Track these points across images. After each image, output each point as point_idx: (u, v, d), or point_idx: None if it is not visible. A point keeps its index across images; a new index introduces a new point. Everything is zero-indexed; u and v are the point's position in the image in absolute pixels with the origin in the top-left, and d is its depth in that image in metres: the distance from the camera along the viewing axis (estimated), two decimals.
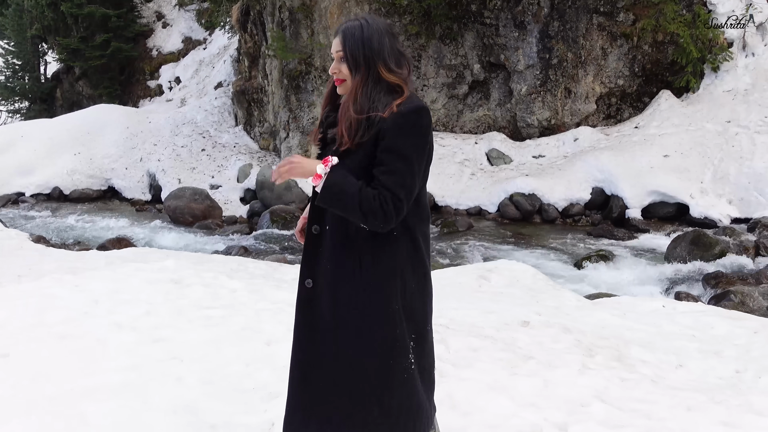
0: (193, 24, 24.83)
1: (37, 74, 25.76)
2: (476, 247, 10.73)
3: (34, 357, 3.88)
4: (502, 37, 14.44)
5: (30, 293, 5.25)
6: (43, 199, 16.32)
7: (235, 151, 17.09)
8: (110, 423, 3.05)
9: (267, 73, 16.61)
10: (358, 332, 2.00)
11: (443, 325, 4.51)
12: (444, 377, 3.51)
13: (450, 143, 14.63)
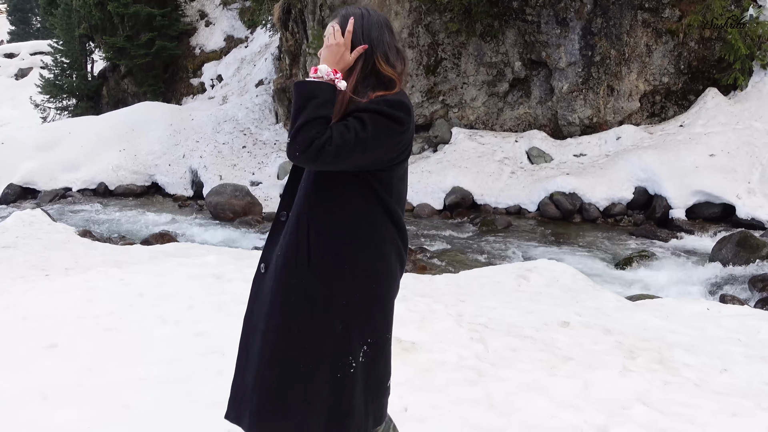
0: (235, 22, 25.15)
1: (84, 72, 26.38)
2: (515, 247, 10.64)
3: (81, 348, 3.99)
4: (543, 34, 14.28)
5: (77, 286, 5.40)
6: (89, 195, 16.72)
7: (276, 148, 17.26)
8: (154, 413, 3.12)
9: (307, 71, 16.72)
10: (301, 322, 1.96)
11: (482, 324, 4.49)
12: (483, 376, 3.51)
13: (489, 141, 14.55)
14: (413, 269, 9.11)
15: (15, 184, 16.87)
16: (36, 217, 11.58)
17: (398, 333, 4.08)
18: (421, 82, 15.25)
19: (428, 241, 11.12)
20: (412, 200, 13.58)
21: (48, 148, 17.95)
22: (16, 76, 39.95)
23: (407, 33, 15.07)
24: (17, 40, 48.88)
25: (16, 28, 52.85)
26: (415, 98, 15.28)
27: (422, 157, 15.00)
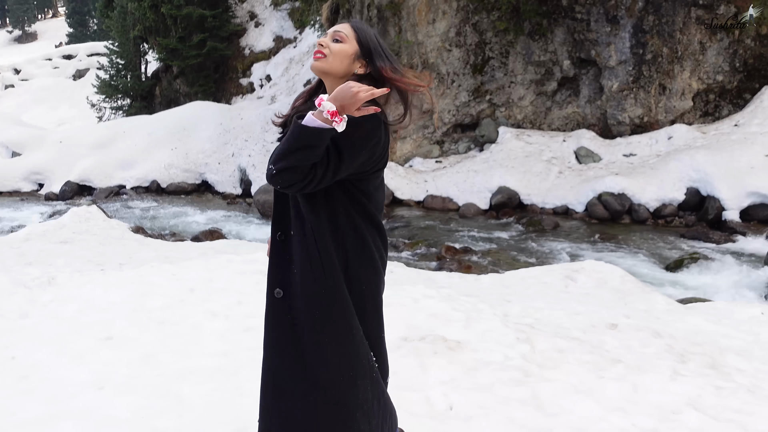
0: (284, 23, 25.46)
1: (138, 73, 27.08)
2: (562, 247, 10.53)
3: (136, 340, 4.12)
4: (593, 32, 14.07)
5: (131, 280, 5.57)
6: (142, 192, 17.16)
7: None
8: (205, 405, 3.20)
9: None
10: (334, 339, 1.97)
11: (528, 325, 4.47)
12: (529, 377, 3.49)
13: (537, 141, 14.40)
14: (458, 269, 9.09)
15: (72, 182, 17.44)
16: (92, 213, 11.94)
17: (443, 332, 4.10)
18: (468, 82, 15.19)
19: (473, 241, 11.08)
20: (458, 200, 13.54)
21: (103, 146, 18.51)
22: (73, 76, 41.27)
23: (454, 32, 15.04)
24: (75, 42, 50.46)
25: (74, 31, 54.57)
26: (462, 97, 15.23)
27: (468, 157, 14.94)
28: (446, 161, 15.11)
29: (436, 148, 15.54)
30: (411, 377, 3.44)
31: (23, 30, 68.32)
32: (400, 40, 15.04)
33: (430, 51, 15.15)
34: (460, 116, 15.39)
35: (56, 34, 63.24)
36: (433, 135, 15.54)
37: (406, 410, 3.09)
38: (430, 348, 3.70)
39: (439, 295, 5.24)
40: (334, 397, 1.98)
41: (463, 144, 15.44)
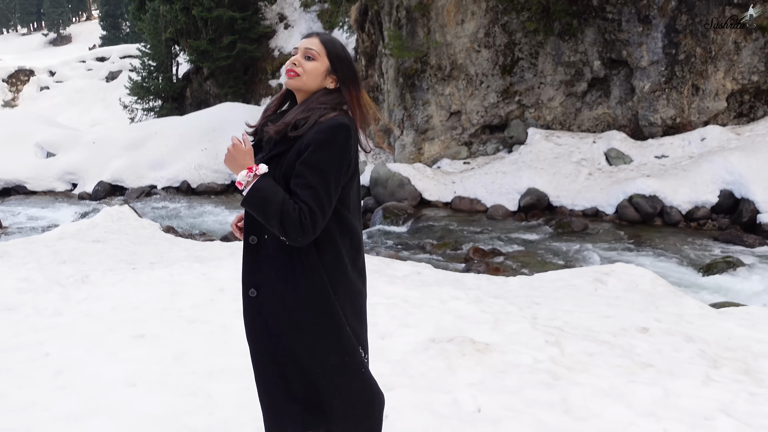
0: (313, 24, 25.59)
1: (169, 75, 27.44)
2: (592, 249, 10.42)
3: (167, 338, 4.18)
4: (624, 33, 13.90)
5: (162, 279, 5.65)
6: (173, 192, 17.39)
7: None
8: (235, 403, 3.24)
9: (383, 72, 16.86)
10: (314, 335, 2.03)
11: (557, 328, 4.43)
12: (558, 380, 3.47)
13: (566, 142, 14.28)
14: (486, 270, 9.06)
15: (105, 182, 17.74)
16: (124, 213, 12.13)
17: (472, 334, 4.09)
18: (497, 83, 15.12)
19: (502, 243, 11.02)
20: (486, 201, 13.49)
21: (135, 147, 18.79)
22: (106, 78, 41.95)
23: (483, 33, 14.98)
24: (108, 44, 51.28)
25: (108, 33, 55.46)
26: (491, 98, 15.17)
27: (497, 158, 14.86)
28: (474, 162, 15.05)
29: (464, 150, 15.49)
30: (439, 378, 3.44)
31: (58, 33, 69.65)
32: (428, 41, 15.03)
33: (458, 52, 15.11)
34: (488, 117, 15.32)
35: (90, 36, 64.36)
36: (462, 136, 15.49)
37: (433, 411, 3.09)
38: (458, 349, 3.69)
39: (467, 297, 5.23)
40: (317, 388, 2.08)
41: (491, 145, 15.37)
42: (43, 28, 73.65)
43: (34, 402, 3.30)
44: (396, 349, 3.80)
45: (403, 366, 3.58)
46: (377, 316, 4.42)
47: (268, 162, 2.02)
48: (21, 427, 3.07)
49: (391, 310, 4.52)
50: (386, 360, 3.66)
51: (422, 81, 15.40)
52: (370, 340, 3.95)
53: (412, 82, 15.50)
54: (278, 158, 2.02)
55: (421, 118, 15.48)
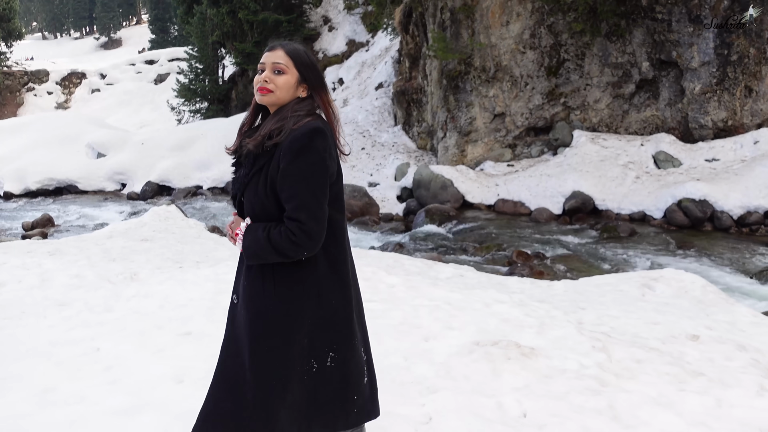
0: (357, 27, 25.72)
1: (215, 77, 27.90)
2: (639, 254, 10.21)
3: (213, 336, 4.23)
4: (674, 33, 13.60)
5: (208, 278, 5.73)
6: (218, 192, 17.65)
7: (394, 150, 17.49)
8: None
9: (427, 74, 16.84)
10: (273, 344, 2.06)
11: (604, 333, 4.35)
12: (605, 386, 3.40)
13: (613, 145, 14.04)
14: (530, 274, 8.96)
15: (152, 182, 18.12)
16: (171, 212, 12.36)
17: (516, 337, 4.04)
18: (542, 84, 14.95)
19: (545, 246, 10.88)
20: (530, 204, 13.34)
21: (182, 148, 19.15)
22: (155, 81, 42.90)
23: (528, 34, 14.83)
24: (157, 47, 52.42)
25: (156, 37, 56.70)
26: (535, 100, 15.01)
27: (541, 161, 14.70)
28: (518, 165, 14.91)
29: (508, 152, 15.36)
30: (483, 382, 3.40)
31: (109, 37, 71.49)
32: (472, 43, 14.95)
33: (503, 53, 15.00)
34: (533, 119, 15.16)
35: (139, 40, 65.91)
36: (505, 138, 15.36)
37: (477, 415, 3.06)
38: (502, 353, 3.65)
39: (511, 300, 5.18)
40: (263, 399, 2.07)
41: (536, 147, 15.20)
42: (94, 32, 75.68)
43: (85, 396, 3.38)
44: (440, 352, 3.78)
45: (446, 368, 3.56)
46: (421, 318, 4.41)
47: (252, 177, 2.06)
48: (72, 420, 3.15)
49: (434, 312, 4.50)
50: (430, 362, 3.64)
51: (466, 83, 15.33)
52: (413, 341, 3.95)
53: (456, 83, 15.43)
54: (260, 172, 2.04)
55: (465, 120, 15.41)
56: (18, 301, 5.37)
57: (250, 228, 2.05)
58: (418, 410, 3.13)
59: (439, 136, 16.07)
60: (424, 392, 3.31)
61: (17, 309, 5.15)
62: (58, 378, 3.63)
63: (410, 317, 4.40)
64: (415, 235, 12.18)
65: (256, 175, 2.05)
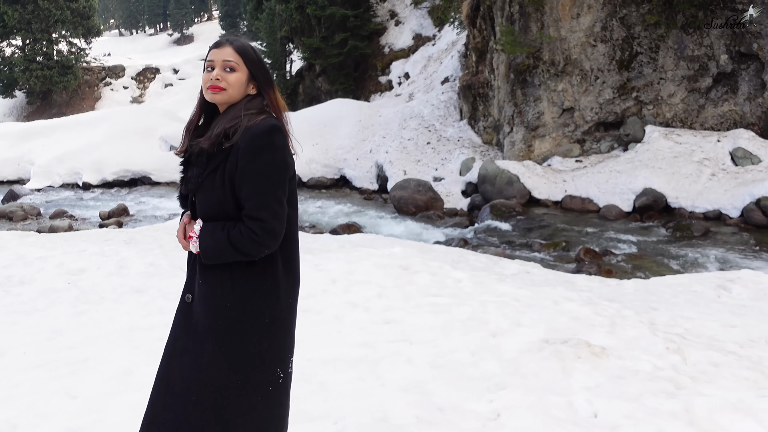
0: (423, 21, 25.65)
1: (283, 72, 28.32)
2: (713, 255, 9.84)
3: None
4: (756, 24, 13.01)
5: None
6: None
7: (459, 144, 17.38)
8: (347, 392, 3.30)
9: (494, 68, 16.65)
10: (230, 344, 1.98)
11: (678, 335, 4.22)
12: (681, 389, 3.30)
13: (687, 141, 13.56)
14: (598, 272, 8.77)
15: None
16: None
17: (587, 337, 3.96)
18: (613, 78, 14.57)
19: (614, 244, 10.62)
20: (598, 201, 13.04)
21: None
22: None
23: (600, 27, 14.47)
24: None
25: (227, 32, 57.89)
26: (606, 95, 14.64)
27: (611, 156, 14.34)
28: (587, 161, 14.59)
29: (577, 147, 15.04)
30: (553, 380, 3.36)
31: (182, 33, 73.50)
32: (541, 36, 14.69)
33: (573, 47, 14.68)
34: (603, 114, 14.80)
35: (210, 36, 67.46)
36: (574, 133, 15.05)
37: (547, 413, 3.02)
38: (573, 352, 3.59)
39: (580, 299, 5.08)
40: (217, 400, 1.98)
41: (605, 143, 14.84)
42: (168, 29, 77.93)
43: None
44: (508, 348, 3.75)
45: (515, 365, 3.52)
46: (488, 313, 4.38)
47: (207, 177, 2.01)
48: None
49: (502, 308, 4.46)
50: (498, 359, 3.62)
51: (534, 77, 15.08)
52: (481, 337, 3.93)
53: (524, 77, 15.20)
54: (215, 172, 2.00)
55: (532, 115, 15.17)
56: (97, 286, 5.61)
57: (206, 228, 1.99)
58: (485, 406, 3.12)
59: (505, 130, 15.88)
60: (492, 388, 3.29)
61: (97, 294, 5.38)
62: (136, 361, 3.78)
63: (478, 312, 4.38)
64: (479, 231, 12.08)
65: (211, 175, 2.00)
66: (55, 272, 6.31)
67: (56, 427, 3.10)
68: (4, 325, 4.77)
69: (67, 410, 3.26)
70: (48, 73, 40.61)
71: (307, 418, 3.05)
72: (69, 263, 6.65)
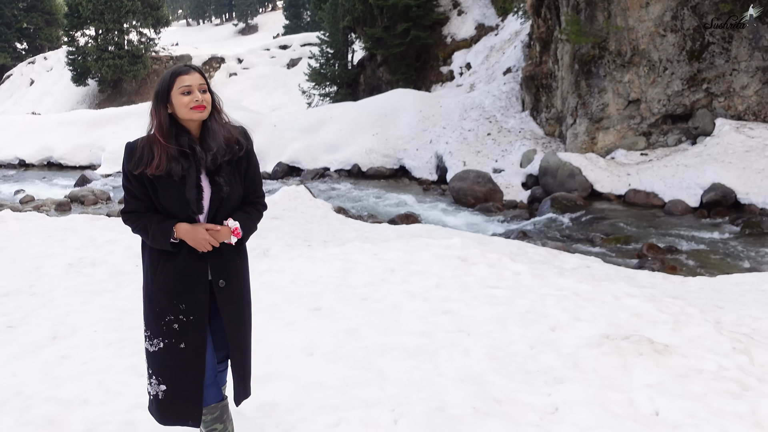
0: (486, 11, 25.35)
1: (345, 62, 28.48)
2: None
3: (341, 313, 4.38)
4: None
5: (336, 257, 5.91)
6: (345, 175, 18.09)
7: (520, 136, 17.15)
8: (405, 381, 3.33)
9: (558, 58, 16.34)
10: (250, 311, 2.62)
11: (746, 335, 4.09)
12: (747, 390, 3.21)
13: (761, 135, 13.03)
14: (661, 268, 8.55)
15: (283, 162, 18.85)
16: (300, 192, 12.82)
17: (649, 333, 3.88)
18: (682, 69, 14.11)
19: (679, 241, 10.33)
20: (664, 195, 12.69)
21: (312, 130, 19.76)
22: (287, 65, 44.43)
23: (670, 16, 14.01)
24: (290, 33, 54.21)
25: (290, 23, 58.64)
26: (675, 86, 14.20)
27: (678, 150, 13.91)
28: (653, 154, 14.19)
29: (642, 140, 14.65)
30: (613, 376, 3.31)
31: (246, 23, 74.77)
32: (608, 26, 14.33)
33: (641, 37, 14.27)
34: (671, 106, 14.36)
35: (274, 26, 68.40)
36: (640, 126, 14.66)
37: (607, 409, 2.99)
38: (634, 348, 3.53)
39: (642, 295, 4.97)
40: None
41: (672, 136, 14.40)
42: (233, 19, 79.37)
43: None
44: (567, 342, 3.71)
45: (574, 360, 3.48)
46: (547, 307, 4.34)
47: (232, 179, 2.45)
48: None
49: (562, 302, 4.41)
50: (557, 352, 3.58)
51: (599, 67, 14.74)
52: (540, 330, 3.91)
53: (589, 68, 14.88)
54: (236, 173, 2.47)
55: (596, 107, 14.84)
56: None
57: (242, 219, 2.46)
58: (543, 399, 3.10)
59: (568, 122, 15.59)
60: (550, 382, 3.27)
61: None
62: None
63: (537, 306, 4.34)
64: (538, 224, 11.93)
65: (235, 176, 2.46)
66: (124, 255, 6.55)
67: (125, 404, 3.23)
68: (76, 305, 4.99)
69: (135, 387, 3.40)
70: (119, 62, 41.97)
71: (364, 405, 3.10)
72: (137, 247, 6.89)
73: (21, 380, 3.55)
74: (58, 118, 25.88)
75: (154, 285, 2.41)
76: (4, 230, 7.98)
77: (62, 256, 6.60)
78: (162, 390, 2.43)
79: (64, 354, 3.91)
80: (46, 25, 54.87)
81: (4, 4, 51.90)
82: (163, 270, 2.40)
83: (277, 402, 3.17)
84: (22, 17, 53.78)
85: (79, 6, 41.00)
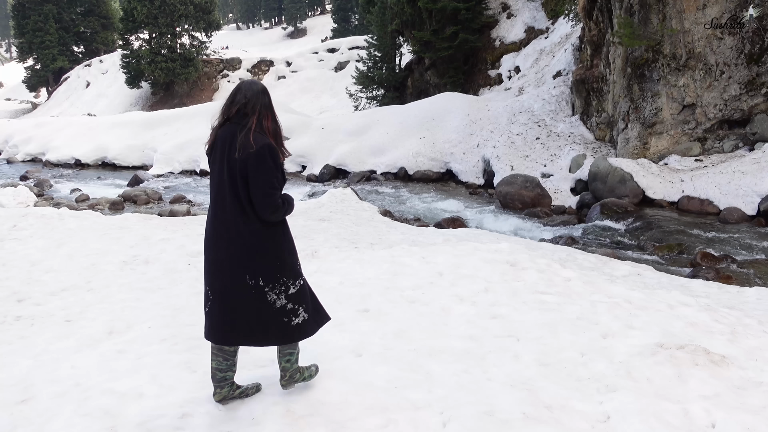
0: (536, 14, 25.11)
1: (392, 65, 28.55)
2: None
3: (389, 315, 4.39)
4: None
5: (384, 259, 5.93)
6: (391, 178, 18.12)
7: (570, 140, 16.92)
8: (453, 384, 3.32)
9: (609, 62, 16.07)
10: None
11: None
12: None
13: None
14: (715, 278, 8.33)
15: (330, 165, 18.99)
16: (346, 195, 12.90)
17: (705, 344, 3.79)
18: (741, 73, 13.72)
19: (735, 249, 10.04)
20: (719, 203, 12.34)
21: (359, 133, 19.86)
22: (335, 68, 44.78)
23: (728, 17, 13.64)
24: (338, 36, 54.67)
25: (338, 26, 59.13)
26: (732, 90, 13.81)
27: (734, 156, 13.52)
28: (708, 160, 13.83)
29: (697, 146, 14.29)
30: (667, 386, 3.24)
31: (295, 26, 75.66)
32: (662, 29, 14.03)
33: (697, 40, 13.93)
34: (728, 111, 13.97)
35: (323, 29, 69.05)
36: (695, 131, 14.30)
37: (660, 419, 2.92)
38: (689, 358, 3.44)
39: (697, 304, 4.85)
40: None
41: (729, 142, 14.01)
42: (282, 23, 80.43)
43: (273, 360, 3.66)
44: (619, 351, 3.64)
45: (627, 368, 3.42)
46: (598, 314, 4.27)
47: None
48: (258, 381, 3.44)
49: (614, 309, 4.33)
50: (609, 360, 3.52)
51: (653, 71, 14.44)
52: (591, 337, 3.85)
53: (642, 72, 14.59)
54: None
55: (649, 111, 14.54)
56: None
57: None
58: (595, 407, 3.05)
59: (619, 127, 15.31)
60: (602, 390, 3.22)
61: None
62: None
63: (588, 313, 4.28)
64: (588, 230, 11.74)
65: None
66: (176, 253, 6.70)
67: (178, 398, 3.31)
68: (130, 301, 5.12)
69: (188, 383, 3.47)
70: (171, 66, 42.96)
71: (412, 407, 3.10)
72: (189, 245, 7.04)
73: (79, 372, 3.67)
74: (113, 119, 26.65)
75: (292, 244, 3.23)
76: (62, 228, 8.25)
77: (117, 253, 6.78)
78: (307, 315, 3.23)
79: (120, 348, 4.02)
80: (102, 29, 56.59)
81: (63, 9, 53.70)
82: (289, 235, 3.25)
83: (326, 401, 3.20)
84: (79, 21, 55.61)
85: (134, 10, 42.17)
